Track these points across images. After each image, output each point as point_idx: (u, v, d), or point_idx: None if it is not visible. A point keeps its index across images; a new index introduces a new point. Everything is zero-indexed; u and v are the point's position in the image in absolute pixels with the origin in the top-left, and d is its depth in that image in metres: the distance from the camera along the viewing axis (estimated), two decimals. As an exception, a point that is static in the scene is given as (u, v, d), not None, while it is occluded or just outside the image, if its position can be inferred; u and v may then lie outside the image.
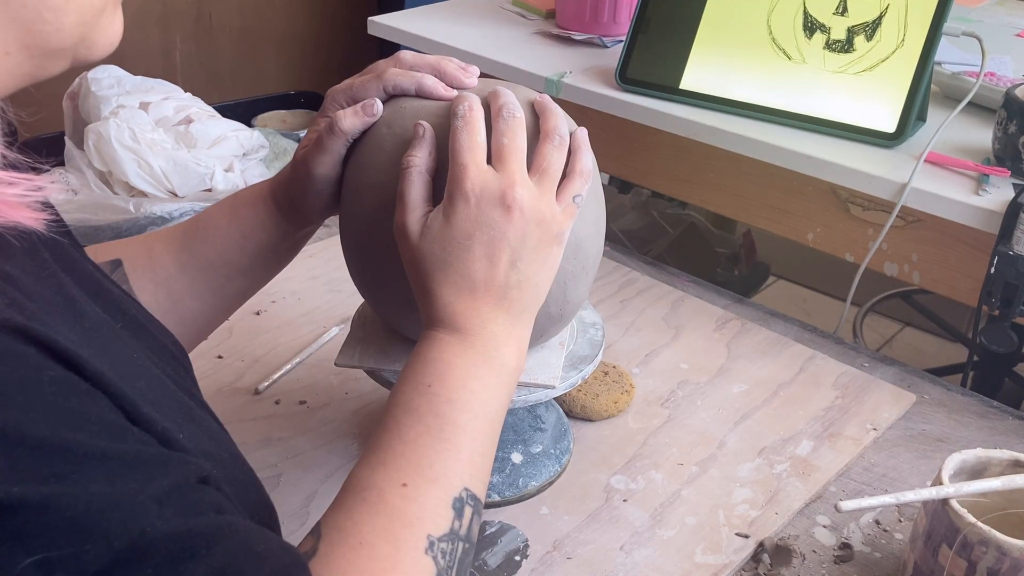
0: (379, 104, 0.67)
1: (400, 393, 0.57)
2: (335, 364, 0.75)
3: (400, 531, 0.51)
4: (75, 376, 0.40)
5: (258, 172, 1.60)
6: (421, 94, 0.67)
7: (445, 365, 0.58)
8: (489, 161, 0.61)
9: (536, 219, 0.59)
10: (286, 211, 0.73)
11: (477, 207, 0.58)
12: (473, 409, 0.57)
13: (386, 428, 0.56)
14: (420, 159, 0.62)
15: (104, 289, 0.56)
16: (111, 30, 0.48)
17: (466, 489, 0.54)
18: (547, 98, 0.67)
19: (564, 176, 0.63)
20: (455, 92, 0.67)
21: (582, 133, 0.66)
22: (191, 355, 0.66)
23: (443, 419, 0.55)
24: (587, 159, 0.65)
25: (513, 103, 0.62)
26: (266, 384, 0.93)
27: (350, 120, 0.67)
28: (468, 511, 0.54)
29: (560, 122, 0.64)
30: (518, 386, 0.72)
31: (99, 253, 0.72)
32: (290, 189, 0.71)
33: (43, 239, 0.49)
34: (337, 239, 1.02)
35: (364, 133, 0.68)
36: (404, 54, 0.70)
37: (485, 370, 0.58)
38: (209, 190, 1.48)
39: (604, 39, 1.44)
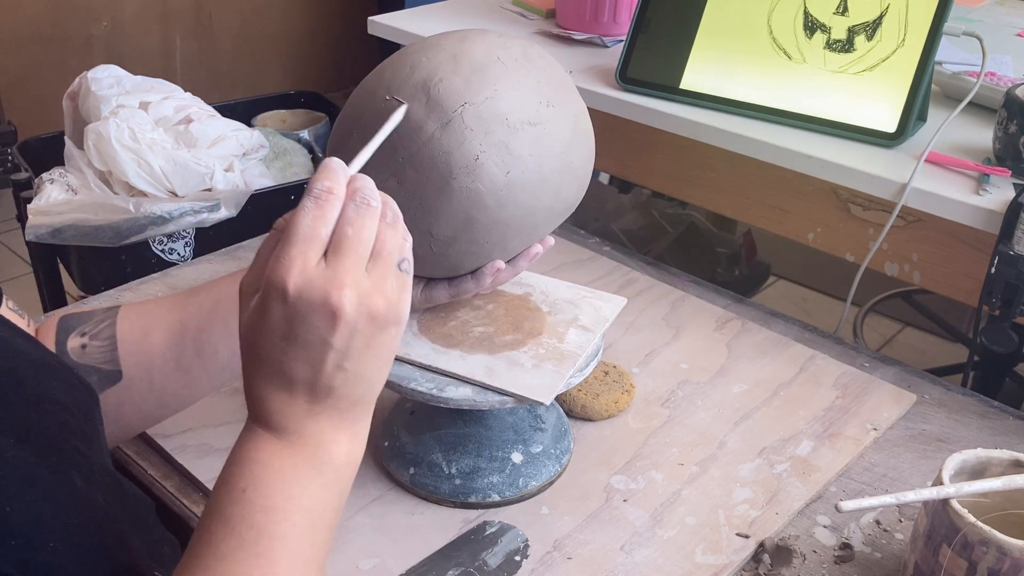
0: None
1: (215, 498, 0.52)
2: None
3: None
4: None
5: (258, 172, 1.60)
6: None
7: (261, 467, 0.52)
8: None
9: (367, 316, 0.51)
10: None
11: (295, 308, 0.50)
12: (292, 517, 0.51)
13: (199, 538, 0.51)
14: (284, 222, 0.53)
15: None
16: None
17: None
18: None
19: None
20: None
21: (395, 204, 0.55)
22: None
23: (258, 530, 0.50)
24: (397, 221, 0.55)
25: (371, 189, 0.53)
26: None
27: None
28: None
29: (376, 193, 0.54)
30: (511, 394, 0.72)
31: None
32: None
33: None
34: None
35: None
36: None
37: (306, 471, 0.52)
38: (209, 190, 1.48)
39: (604, 39, 1.44)
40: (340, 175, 0.53)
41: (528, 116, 0.69)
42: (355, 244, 0.51)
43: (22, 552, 0.47)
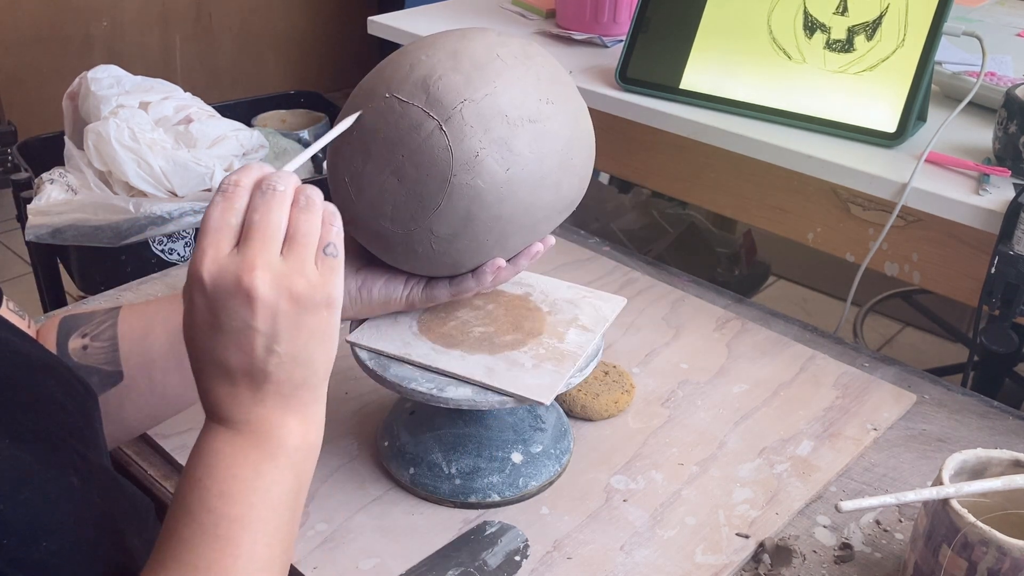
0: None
1: (178, 489, 0.54)
2: (346, 340, 0.75)
3: None
4: None
5: (258, 172, 1.60)
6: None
7: (214, 455, 0.54)
8: None
9: (288, 298, 0.52)
10: None
11: (214, 297, 0.51)
12: (247, 499, 0.53)
13: (166, 527, 0.53)
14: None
15: None
16: None
17: None
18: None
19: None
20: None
21: (311, 190, 0.56)
22: None
23: (216, 514, 0.52)
24: (324, 207, 0.55)
25: (277, 177, 0.54)
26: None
27: None
28: None
29: (294, 183, 0.55)
30: (511, 394, 0.72)
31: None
32: None
33: None
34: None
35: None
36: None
37: (256, 456, 0.54)
38: (209, 190, 1.48)
39: (604, 39, 1.44)
40: (248, 170, 0.54)
41: (528, 113, 0.69)
42: (262, 228, 0.52)
43: (16, 551, 0.48)
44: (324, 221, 0.54)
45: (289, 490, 0.55)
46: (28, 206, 1.44)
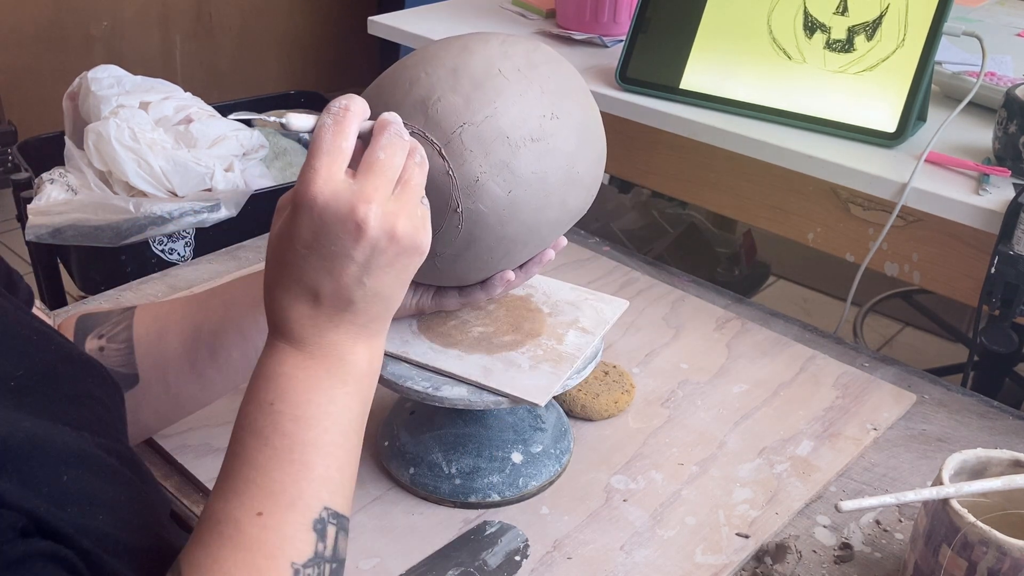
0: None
1: (245, 414, 0.55)
2: None
3: (262, 562, 0.50)
4: None
5: (258, 172, 1.60)
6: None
7: (287, 379, 0.55)
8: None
9: (389, 235, 0.54)
10: None
11: (320, 219, 0.53)
12: (322, 423, 0.54)
13: (235, 453, 0.54)
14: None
15: (9, 336, 0.57)
16: None
17: (326, 508, 0.53)
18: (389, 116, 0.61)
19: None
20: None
21: (423, 152, 0.60)
22: None
23: (290, 438, 0.53)
24: (424, 164, 0.59)
25: (403, 127, 0.58)
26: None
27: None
28: (331, 531, 0.53)
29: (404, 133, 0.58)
30: (507, 395, 0.72)
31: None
32: None
33: None
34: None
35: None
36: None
37: (329, 381, 0.55)
38: (209, 190, 1.48)
39: (604, 39, 1.44)
40: (355, 99, 0.57)
41: (530, 132, 0.67)
42: (385, 167, 0.55)
43: (78, 518, 0.49)
44: (419, 169, 0.58)
45: (358, 415, 0.57)
46: (28, 206, 1.44)
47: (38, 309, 0.70)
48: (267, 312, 0.57)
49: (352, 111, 0.56)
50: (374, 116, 0.61)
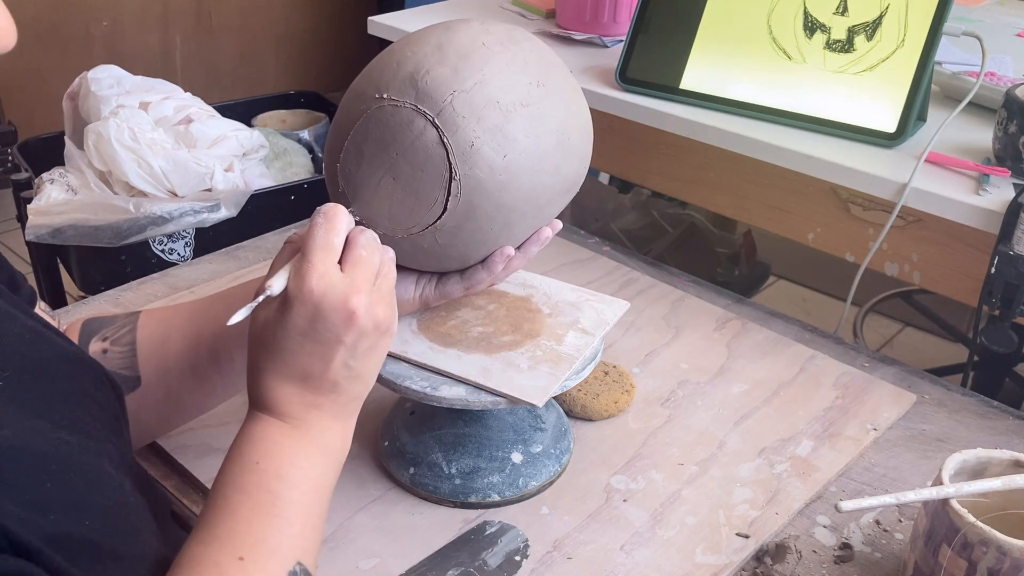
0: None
1: (227, 472, 0.59)
2: None
3: None
4: None
5: (258, 172, 1.60)
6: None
7: (273, 444, 0.59)
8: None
9: (374, 322, 0.60)
10: None
11: (317, 308, 0.58)
12: (302, 485, 0.58)
13: (216, 506, 0.57)
14: (297, 237, 0.63)
15: (3, 333, 0.57)
16: None
17: (299, 563, 0.56)
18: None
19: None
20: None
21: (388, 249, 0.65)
22: None
23: (273, 495, 0.57)
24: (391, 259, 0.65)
25: (371, 232, 0.63)
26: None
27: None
28: None
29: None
30: (505, 395, 0.73)
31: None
32: None
33: None
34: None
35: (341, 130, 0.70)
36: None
37: (311, 449, 0.60)
38: (209, 190, 1.48)
39: (604, 39, 1.44)
40: (337, 207, 0.63)
41: (519, 97, 0.69)
42: (368, 262, 0.61)
43: (59, 526, 0.49)
44: (386, 261, 0.64)
45: (330, 483, 0.62)
46: (28, 206, 1.44)
47: (41, 310, 0.71)
48: (251, 391, 0.61)
49: (340, 213, 0.61)
50: (365, 102, 0.64)
